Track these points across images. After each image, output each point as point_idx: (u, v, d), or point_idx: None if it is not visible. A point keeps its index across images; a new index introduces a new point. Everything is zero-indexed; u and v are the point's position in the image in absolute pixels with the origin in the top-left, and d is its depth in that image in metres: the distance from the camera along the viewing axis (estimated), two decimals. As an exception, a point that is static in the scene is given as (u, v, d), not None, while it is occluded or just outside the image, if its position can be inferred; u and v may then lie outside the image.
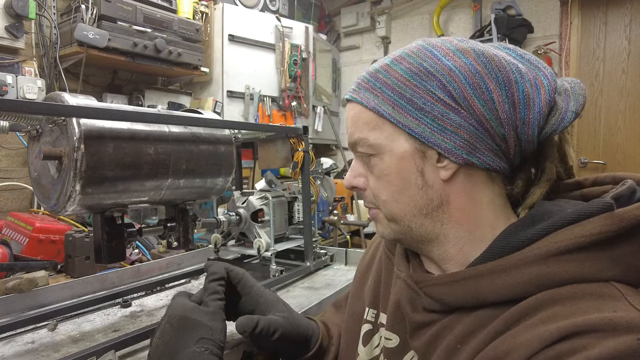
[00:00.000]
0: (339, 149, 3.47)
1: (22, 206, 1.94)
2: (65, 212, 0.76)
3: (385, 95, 0.52)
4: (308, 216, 1.27)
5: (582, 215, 0.46)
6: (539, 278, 0.44)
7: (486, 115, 0.48)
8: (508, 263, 0.47)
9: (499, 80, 0.48)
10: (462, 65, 0.49)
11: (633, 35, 2.73)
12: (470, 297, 0.48)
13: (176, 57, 2.22)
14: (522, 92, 0.49)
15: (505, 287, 0.46)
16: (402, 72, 0.51)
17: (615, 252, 0.44)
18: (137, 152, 0.81)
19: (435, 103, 0.49)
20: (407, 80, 0.51)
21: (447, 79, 0.49)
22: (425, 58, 0.51)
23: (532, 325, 0.42)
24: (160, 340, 0.60)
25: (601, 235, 0.43)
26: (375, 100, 0.52)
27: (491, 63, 0.49)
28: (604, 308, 0.40)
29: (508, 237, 0.49)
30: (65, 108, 0.70)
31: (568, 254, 0.44)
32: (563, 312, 0.41)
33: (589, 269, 0.43)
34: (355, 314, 0.70)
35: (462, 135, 0.49)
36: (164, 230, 0.95)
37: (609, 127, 2.83)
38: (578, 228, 0.45)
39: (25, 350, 0.79)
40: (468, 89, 0.48)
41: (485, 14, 3.10)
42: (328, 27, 3.91)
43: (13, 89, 1.77)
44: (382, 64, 0.54)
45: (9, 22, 1.81)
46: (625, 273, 0.44)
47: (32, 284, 0.98)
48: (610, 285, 0.43)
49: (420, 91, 0.50)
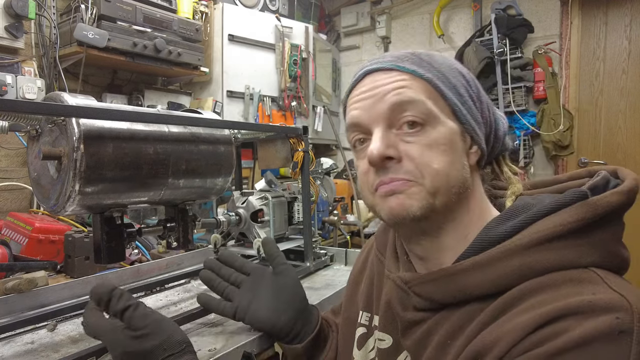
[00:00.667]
0: (339, 149, 3.47)
1: (21, 206, 1.93)
2: (65, 212, 0.76)
3: (434, 73, 0.53)
4: (308, 216, 1.27)
5: (559, 205, 0.47)
6: (521, 269, 0.46)
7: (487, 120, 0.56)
8: (490, 256, 0.48)
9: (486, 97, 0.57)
10: (467, 72, 0.57)
11: (633, 35, 2.73)
12: (457, 292, 0.49)
13: (176, 57, 2.22)
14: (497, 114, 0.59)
15: (489, 280, 0.47)
16: (441, 61, 0.55)
17: (592, 239, 0.46)
18: (137, 152, 0.80)
19: (468, 96, 0.54)
20: (449, 69, 0.54)
21: (472, 82, 0.55)
22: (452, 61, 0.56)
23: (516, 314, 0.44)
24: None
25: (578, 223, 0.45)
26: (428, 74, 0.52)
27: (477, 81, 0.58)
28: (583, 292, 0.42)
29: (489, 231, 0.51)
30: (65, 108, 0.70)
31: (547, 243, 0.46)
32: (545, 299, 0.43)
33: (568, 257, 0.45)
34: (349, 318, 0.71)
35: (482, 129, 0.55)
36: (163, 231, 0.95)
37: (609, 127, 2.83)
38: (555, 217, 0.47)
39: (25, 351, 0.79)
40: (482, 96, 0.56)
41: (485, 13, 3.10)
42: (328, 27, 3.91)
43: (13, 88, 1.77)
44: (420, 51, 0.56)
45: (8, 22, 1.81)
46: (604, 259, 0.45)
47: (31, 284, 0.98)
48: (589, 271, 0.45)
49: (458, 82, 0.54)
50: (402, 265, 0.59)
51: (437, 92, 0.52)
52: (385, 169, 0.51)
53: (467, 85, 0.54)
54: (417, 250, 0.57)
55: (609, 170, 0.53)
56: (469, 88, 0.55)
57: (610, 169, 0.53)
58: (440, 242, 0.54)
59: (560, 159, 2.89)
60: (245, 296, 0.76)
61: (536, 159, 2.98)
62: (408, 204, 0.50)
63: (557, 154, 2.80)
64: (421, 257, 0.57)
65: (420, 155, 0.50)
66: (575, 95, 2.89)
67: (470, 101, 0.54)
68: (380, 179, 0.52)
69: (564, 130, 2.71)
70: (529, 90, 2.88)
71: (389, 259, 0.62)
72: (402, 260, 0.60)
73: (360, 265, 0.75)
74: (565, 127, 2.71)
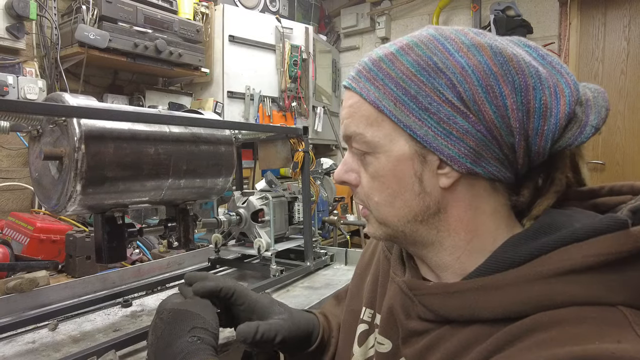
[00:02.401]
0: (339, 149, 3.48)
1: (23, 206, 1.94)
2: (66, 212, 0.76)
3: (387, 88, 0.47)
4: (308, 216, 1.27)
5: (593, 231, 0.41)
6: (539, 298, 0.41)
7: (497, 122, 0.44)
8: (506, 279, 0.43)
9: (515, 84, 0.43)
10: (475, 64, 0.44)
11: (632, 36, 2.73)
12: (465, 311, 0.45)
13: (177, 58, 2.23)
14: (540, 101, 0.44)
15: (501, 305, 0.42)
16: (408, 65, 0.46)
17: (627, 275, 0.39)
18: (138, 152, 0.81)
19: (442, 104, 0.44)
20: (413, 75, 0.46)
21: (458, 78, 0.44)
22: (436, 51, 0.46)
23: (526, 349, 0.39)
24: (153, 335, 0.60)
25: (612, 255, 0.39)
26: (376, 93, 0.47)
27: (509, 64, 0.43)
28: (606, 336, 0.36)
29: (509, 250, 0.45)
30: (66, 108, 0.71)
31: (573, 274, 0.40)
32: (561, 336, 0.37)
33: (595, 292, 0.39)
34: (353, 311, 0.69)
35: (467, 142, 0.44)
36: (164, 230, 0.96)
37: (608, 127, 2.83)
38: (587, 246, 0.40)
39: (26, 350, 0.79)
40: (480, 92, 0.43)
41: (484, 14, 3.10)
42: (328, 28, 3.92)
43: (14, 89, 1.77)
44: (387, 51, 0.49)
45: (10, 22, 1.82)
46: (636, 298, 0.39)
47: (33, 283, 0.99)
48: (616, 310, 0.38)
49: (426, 89, 0.45)
50: (408, 269, 0.57)
51: (382, 115, 0.47)
52: (353, 191, 0.54)
53: (447, 87, 0.44)
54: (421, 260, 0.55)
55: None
56: (451, 89, 0.44)
57: None
58: (430, 260, 0.51)
59: (560, 160, 2.90)
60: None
61: (536, 160, 2.98)
62: (372, 231, 0.54)
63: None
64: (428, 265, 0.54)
65: (366, 186, 0.50)
66: (574, 95, 2.90)
67: (445, 109, 0.44)
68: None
69: (564, 130, 2.72)
70: (528, 91, 2.89)
71: (394, 260, 0.60)
72: (409, 265, 0.57)
73: (368, 258, 0.72)
74: (564, 128, 2.71)
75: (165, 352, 0.56)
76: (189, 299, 0.64)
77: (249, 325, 0.62)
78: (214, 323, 0.61)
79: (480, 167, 0.45)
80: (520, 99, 0.43)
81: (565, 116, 0.44)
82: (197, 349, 0.55)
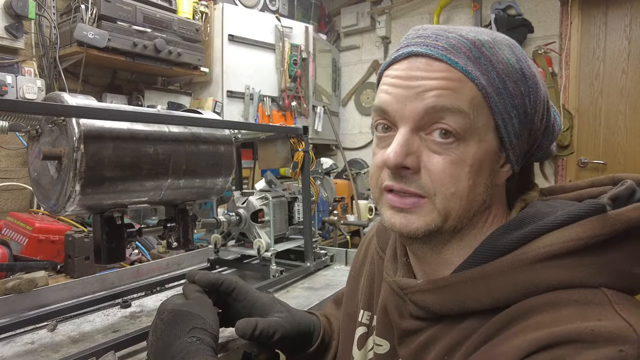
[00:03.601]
0: (339, 149, 3.47)
1: (21, 206, 1.93)
2: (65, 213, 0.76)
3: (491, 77, 0.45)
4: (308, 216, 1.27)
5: (573, 217, 0.43)
6: (525, 285, 0.42)
7: (537, 134, 0.49)
8: (491, 269, 0.44)
9: (545, 102, 0.49)
10: (540, 79, 0.48)
11: (633, 35, 2.73)
12: (455, 305, 0.46)
13: (176, 57, 2.22)
14: (550, 120, 0.50)
15: (489, 295, 0.43)
16: (506, 59, 0.46)
17: (607, 257, 0.41)
18: (137, 152, 0.80)
19: (521, 107, 0.46)
20: (511, 72, 0.46)
21: (532, 87, 0.46)
22: (518, 54, 0.47)
23: (512, 335, 0.40)
24: (153, 336, 0.60)
25: (592, 239, 0.40)
26: (482, 77, 0.44)
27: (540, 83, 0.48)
28: (588, 316, 0.38)
29: (493, 241, 0.47)
30: (65, 108, 0.70)
31: (556, 259, 0.41)
32: (544, 320, 0.39)
33: (578, 275, 0.40)
34: (350, 314, 0.69)
35: (523, 146, 0.48)
36: (163, 231, 0.95)
37: (609, 127, 2.83)
38: (567, 231, 0.42)
39: (25, 351, 0.79)
40: (540, 104, 0.47)
41: (485, 14, 3.10)
42: (328, 27, 3.91)
43: (13, 89, 1.77)
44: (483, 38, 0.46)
45: (8, 22, 1.81)
46: (617, 279, 0.41)
47: (31, 284, 0.98)
48: (598, 292, 0.40)
49: (517, 89, 0.46)
50: (400, 267, 0.56)
51: (485, 102, 0.44)
52: (400, 176, 0.46)
53: (525, 93, 0.46)
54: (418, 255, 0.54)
55: (635, 179, 0.47)
56: (528, 97, 0.46)
57: (638, 179, 0.47)
58: (442, 256, 0.50)
59: (560, 159, 2.90)
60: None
61: (536, 159, 2.98)
62: (413, 224, 0.47)
63: (557, 153, 2.78)
64: (421, 261, 0.54)
65: (441, 171, 0.44)
66: (575, 95, 2.89)
67: (522, 114, 0.46)
68: (391, 183, 0.47)
69: (564, 130, 2.71)
70: (529, 91, 2.89)
71: (388, 260, 0.60)
72: (401, 263, 0.57)
73: (361, 259, 0.72)
74: (565, 127, 2.71)
75: (164, 353, 0.56)
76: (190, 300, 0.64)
77: (247, 321, 0.63)
78: (214, 324, 0.61)
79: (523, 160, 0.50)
80: (546, 118, 0.49)
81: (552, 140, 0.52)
82: (196, 349, 0.55)
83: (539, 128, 0.49)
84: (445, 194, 0.45)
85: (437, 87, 0.44)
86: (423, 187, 0.46)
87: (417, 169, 0.46)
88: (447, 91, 0.44)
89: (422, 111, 0.45)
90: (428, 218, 0.46)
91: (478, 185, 0.46)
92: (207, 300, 0.65)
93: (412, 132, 0.46)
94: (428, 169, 0.45)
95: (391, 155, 0.45)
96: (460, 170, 0.44)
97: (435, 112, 0.44)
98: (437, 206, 0.46)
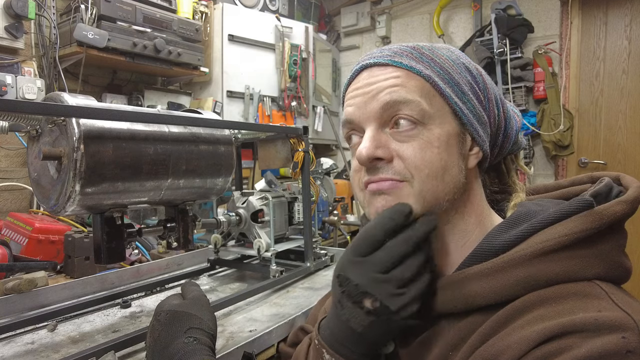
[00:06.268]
0: (339, 149, 3.47)
1: (21, 206, 1.93)
2: (65, 213, 0.76)
3: (434, 70, 0.50)
4: (308, 216, 1.27)
5: (564, 214, 0.47)
6: (526, 280, 0.45)
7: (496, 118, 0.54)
8: (494, 266, 0.47)
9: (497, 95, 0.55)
10: (487, 77, 0.54)
11: (633, 35, 2.72)
12: (459, 302, 0.48)
13: (176, 57, 2.22)
14: (508, 110, 0.57)
15: (493, 291, 0.46)
16: (446, 56, 0.52)
17: (597, 249, 0.45)
18: (137, 152, 0.80)
19: (473, 93, 0.52)
20: (453, 65, 0.52)
21: (479, 78, 0.53)
22: (459, 54, 0.54)
23: (519, 327, 0.42)
24: (151, 337, 0.61)
25: (584, 233, 0.44)
26: (426, 70, 0.50)
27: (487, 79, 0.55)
28: (589, 308, 0.41)
29: (492, 240, 0.50)
30: (65, 108, 0.70)
31: (552, 254, 0.45)
32: (549, 313, 0.42)
33: (573, 268, 0.44)
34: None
35: (486, 129, 0.53)
36: (163, 231, 0.95)
37: (610, 127, 2.83)
38: (561, 227, 0.46)
39: (25, 351, 0.79)
40: (491, 92, 0.54)
41: (485, 13, 3.09)
42: (328, 27, 3.91)
43: (12, 89, 1.77)
44: (420, 44, 0.53)
45: (8, 22, 1.81)
46: (608, 270, 0.45)
47: (31, 284, 0.98)
48: (594, 285, 0.44)
49: (462, 78, 0.52)
50: None
51: (434, 90, 0.49)
52: (376, 169, 0.50)
53: (472, 82, 0.52)
54: None
55: (611, 176, 0.52)
56: (475, 84, 0.52)
57: (613, 176, 0.52)
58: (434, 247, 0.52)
59: (561, 159, 2.89)
60: None
61: (536, 159, 2.98)
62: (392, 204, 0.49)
63: (558, 154, 2.80)
64: None
65: (412, 155, 0.48)
66: (575, 95, 2.89)
67: (474, 99, 0.51)
68: (368, 177, 0.51)
69: (564, 130, 2.71)
70: (529, 90, 2.88)
71: None
72: None
73: None
74: (565, 127, 2.71)
75: (162, 354, 0.57)
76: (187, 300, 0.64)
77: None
78: (211, 323, 0.61)
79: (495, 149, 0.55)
80: (500, 104, 0.55)
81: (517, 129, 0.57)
82: (193, 349, 0.55)
83: (497, 114, 0.54)
84: (421, 175, 0.49)
85: (388, 86, 0.50)
86: (399, 173, 0.49)
87: (390, 158, 0.49)
88: (397, 87, 0.49)
89: (380, 108, 0.50)
90: (414, 198, 0.49)
91: (451, 167, 0.50)
92: (204, 299, 0.65)
93: (377, 130, 0.50)
94: (400, 156, 0.49)
95: (362, 150, 0.49)
96: (430, 152, 0.48)
97: (391, 107, 0.49)
98: (415, 189, 0.49)
